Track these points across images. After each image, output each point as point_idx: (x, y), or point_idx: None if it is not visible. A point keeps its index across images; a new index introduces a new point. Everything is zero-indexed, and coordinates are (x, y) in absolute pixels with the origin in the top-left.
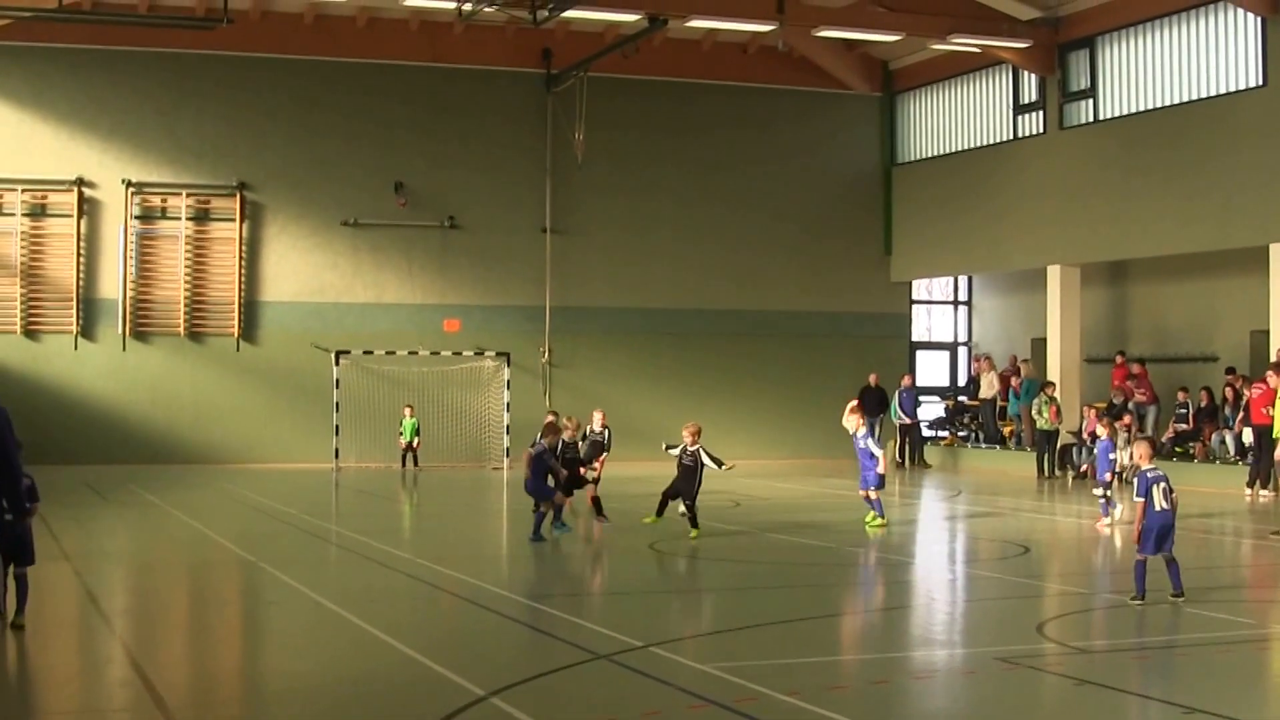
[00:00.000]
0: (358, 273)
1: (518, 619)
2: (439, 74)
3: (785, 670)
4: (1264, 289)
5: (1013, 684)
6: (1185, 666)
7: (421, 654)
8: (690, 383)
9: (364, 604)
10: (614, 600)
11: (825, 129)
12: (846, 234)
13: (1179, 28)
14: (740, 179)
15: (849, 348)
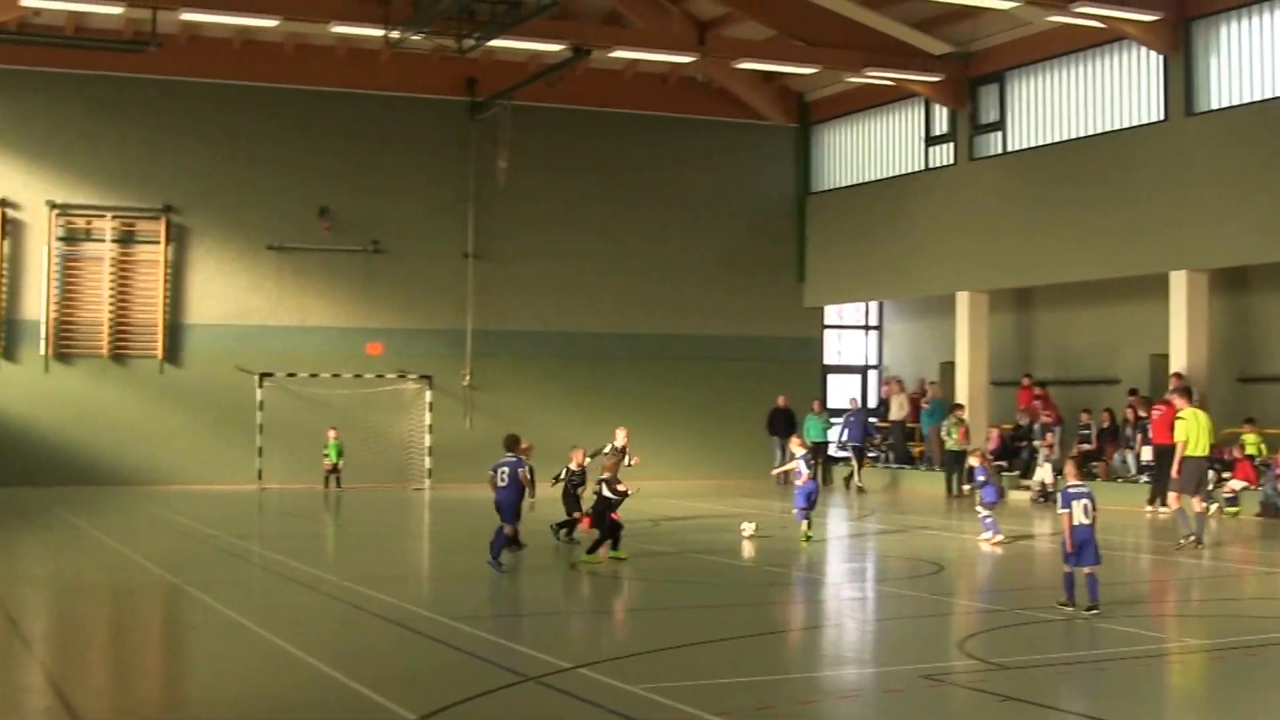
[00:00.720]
0: (282, 296)
1: (444, 641)
2: (365, 100)
3: (714, 691)
4: (1163, 315)
5: (939, 701)
6: (1104, 681)
7: (348, 677)
8: (609, 405)
9: (289, 627)
10: (540, 621)
11: (742, 158)
12: (762, 260)
13: (1085, 64)
14: (659, 206)
15: (763, 371)
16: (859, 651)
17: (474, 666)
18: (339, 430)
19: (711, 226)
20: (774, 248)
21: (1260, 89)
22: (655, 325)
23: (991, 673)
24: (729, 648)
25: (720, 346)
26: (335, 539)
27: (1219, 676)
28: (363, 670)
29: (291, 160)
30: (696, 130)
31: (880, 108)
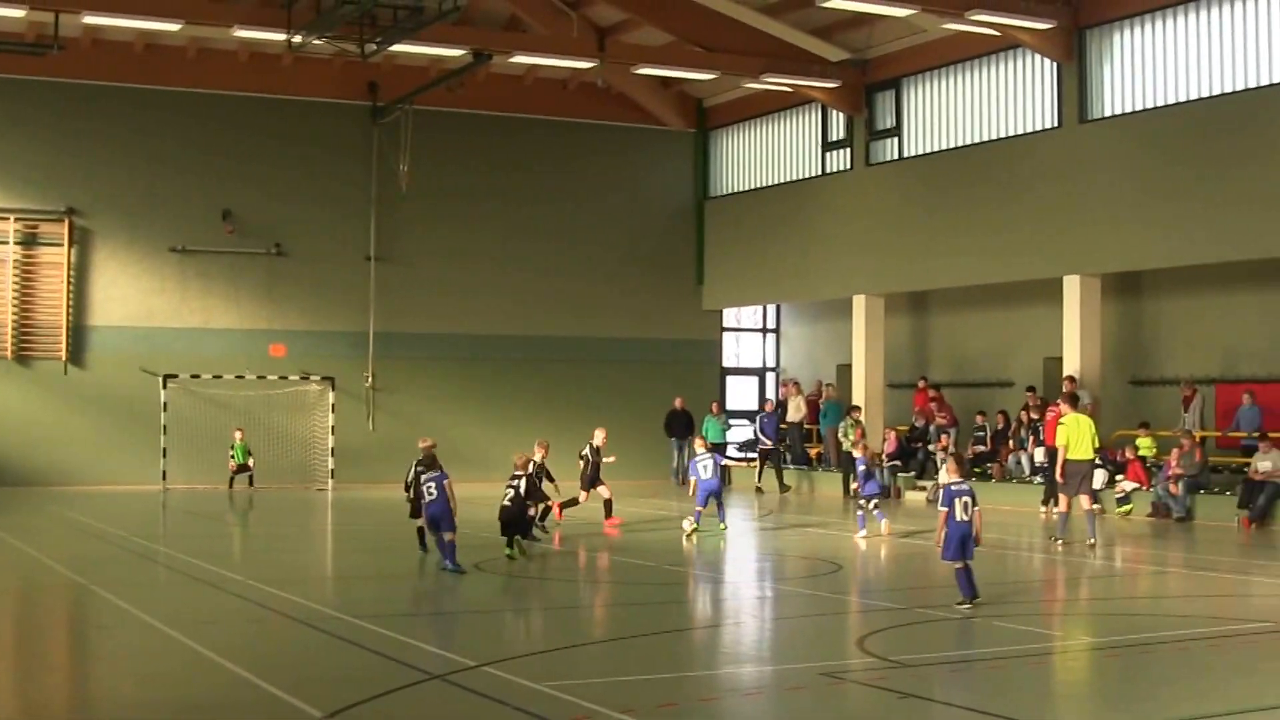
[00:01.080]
0: (185, 298)
1: (351, 640)
2: (267, 104)
3: (617, 688)
4: (1057, 318)
5: (838, 699)
6: (1001, 678)
7: (256, 676)
8: (510, 407)
9: (196, 626)
10: (446, 620)
11: (642, 163)
12: (661, 264)
13: (980, 71)
14: (559, 210)
15: (662, 373)
16: (759, 649)
17: (380, 665)
18: (244, 431)
19: (611, 230)
20: (673, 251)
21: (1152, 97)
22: (555, 327)
23: (891, 670)
24: (633, 646)
25: (619, 348)
26: (240, 539)
27: (1112, 673)
28: (270, 669)
29: (194, 163)
30: (596, 135)
31: (777, 113)
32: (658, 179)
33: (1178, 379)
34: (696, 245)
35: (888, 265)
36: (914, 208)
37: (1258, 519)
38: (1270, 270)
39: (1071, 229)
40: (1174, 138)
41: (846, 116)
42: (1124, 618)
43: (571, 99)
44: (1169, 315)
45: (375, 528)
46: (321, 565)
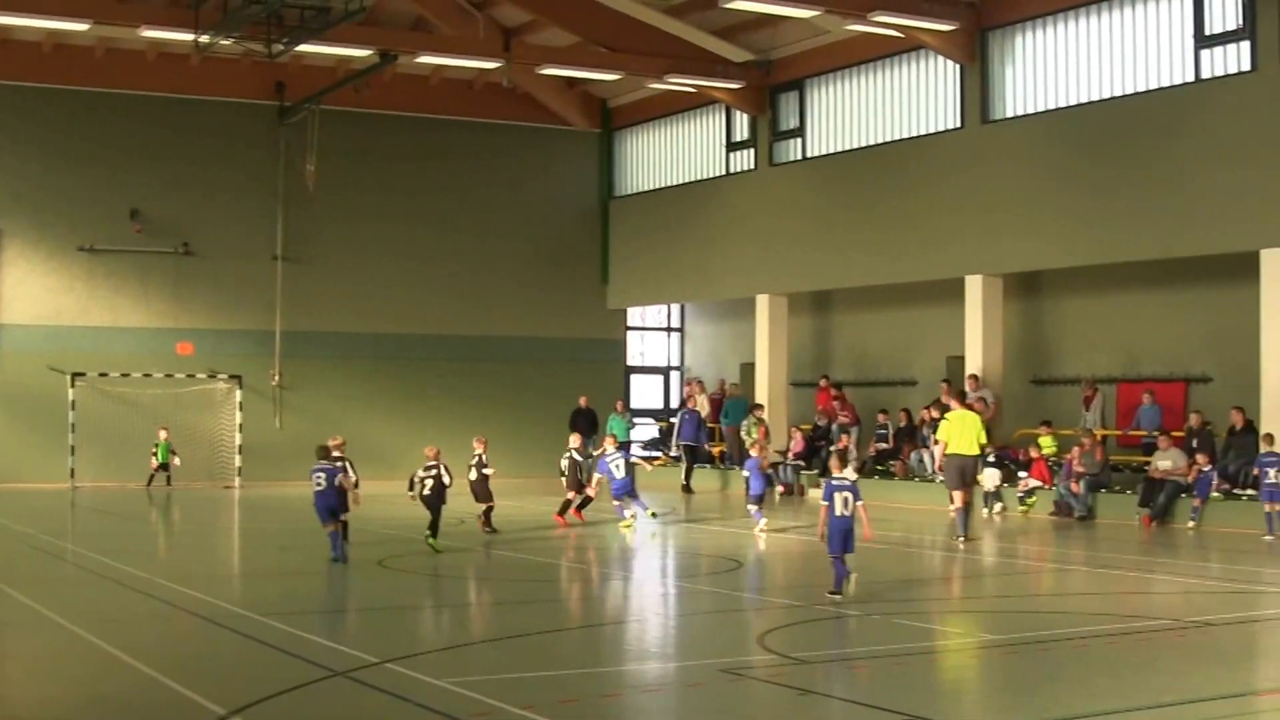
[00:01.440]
0: (94, 297)
1: (255, 637)
2: (175, 104)
3: (519, 684)
4: (960, 318)
5: (738, 695)
6: (899, 674)
7: (160, 673)
8: (416, 405)
9: (102, 623)
10: (349, 617)
11: (547, 163)
12: (566, 263)
13: (883, 72)
14: (466, 210)
15: (567, 372)
16: (661, 646)
17: (284, 662)
18: (169, 430)
19: (517, 229)
20: (578, 250)
21: (1054, 98)
22: (462, 327)
23: (790, 666)
24: (535, 643)
25: (525, 348)
26: (148, 537)
27: (1010, 670)
28: (174, 666)
29: (103, 163)
30: (502, 135)
31: (682, 114)
32: (563, 179)
33: (1079, 378)
34: (601, 245)
35: (791, 265)
36: (818, 208)
37: (1158, 517)
38: (1170, 270)
39: (974, 229)
40: (1075, 139)
41: (750, 117)
42: (1024, 615)
43: (477, 99)
44: (1070, 315)
45: (282, 526)
46: (228, 563)
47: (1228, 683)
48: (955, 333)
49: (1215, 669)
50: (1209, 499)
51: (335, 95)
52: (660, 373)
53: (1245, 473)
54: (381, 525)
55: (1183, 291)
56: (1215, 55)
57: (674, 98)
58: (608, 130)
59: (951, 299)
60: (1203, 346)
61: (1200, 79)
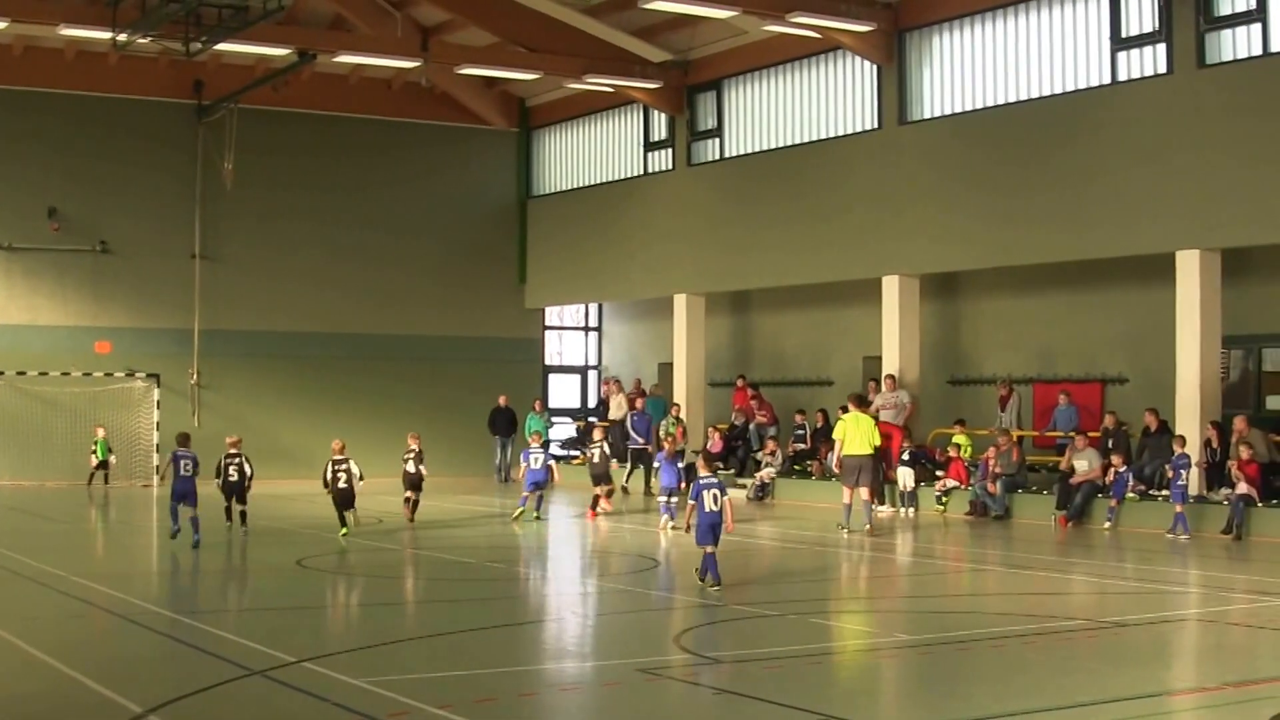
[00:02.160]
0: (11, 295)
1: (172, 635)
2: (93, 102)
3: (435, 684)
4: (876, 318)
5: (654, 694)
6: (815, 674)
7: (77, 671)
8: (333, 404)
9: (17, 621)
10: (266, 616)
11: (464, 162)
12: (483, 262)
13: (801, 73)
14: (383, 210)
15: (484, 371)
16: (579, 645)
17: (201, 660)
18: (106, 429)
19: (435, 229)
20: (495, 249)
21: (970, 100)
22: (380, 325)
23: (706, 666)
24: (452, 642)
25: (443, 347)
26: (65, 535)
27: (927, 670)
28: (91, 664)
29: (20, 160)
30: (420, 134)
31: (600, 113)
32: (481, 178)
33: (995, 378)
34: (519, 244)
35: (709, 264)
36: (735, 208)
37: (1074, 518)
38: (1086, 271)
39: (891, 230)
40: (991, 140)
41: (668, 117)
42: (940, 615)
43: (396, 98)
44: (987, 315)
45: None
46: (145, 561)
47: (1142, 682)
48: (872, 333)
49: (1130, 669)
50: (1125, 500)
51: (254, 94)
52: (578, 372)
53: (1160, 474)
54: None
55: (1098, 293)
56: (1131, 57)
57: (592, 97)
58: (526, 129)
59: (869, 299)
60: (1118, 348)
61: (1116, 81)
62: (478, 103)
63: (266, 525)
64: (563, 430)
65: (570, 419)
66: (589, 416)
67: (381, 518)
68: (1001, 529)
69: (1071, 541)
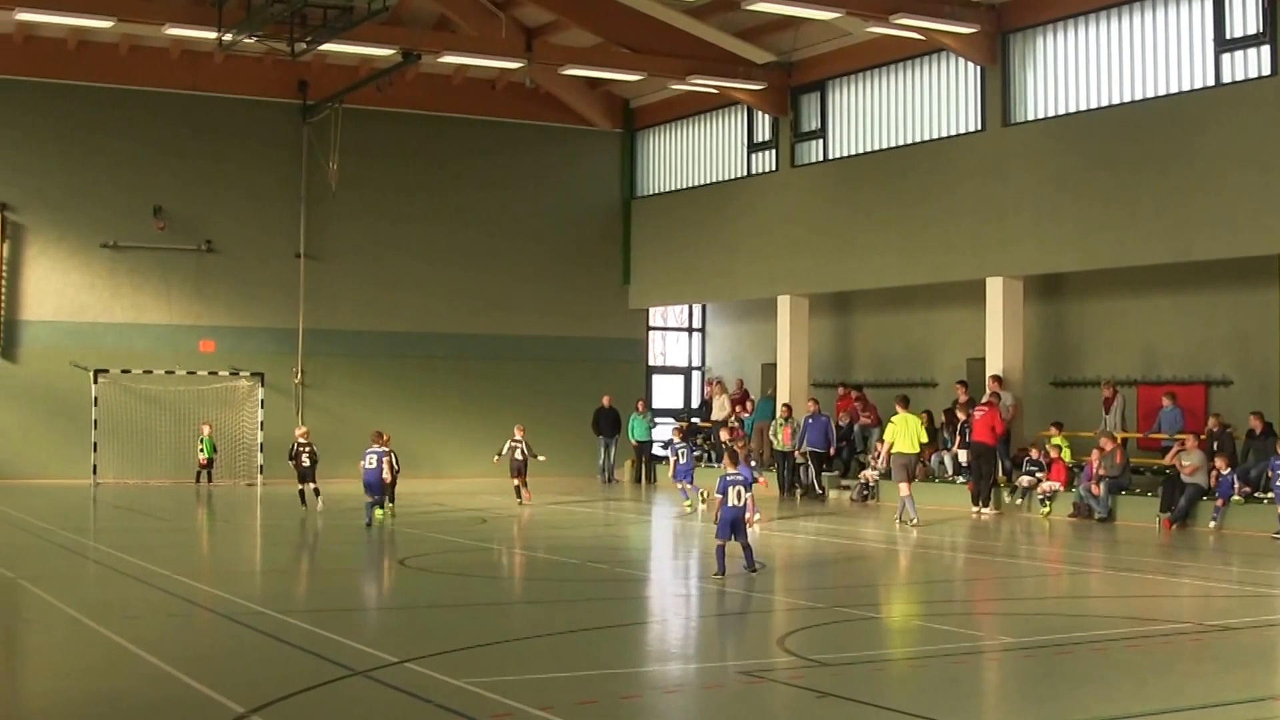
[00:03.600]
0: (116, 294)
1: (274, 635)
2: (199, 102)
3: (537, 685)
4: (980, 319)
5: (757, 697)
6: (920, 678)
7: (179, 671)
8: (436, 404)
9: (122, 620)
10: (368, 615)
11: (569, 163)
12: (587, 263)
13: (904, 74)
14: (487, 210)
15: (588, 371)
16: (681, 647)
17: (303, 660)
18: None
19: (539, 230)
20: (599, 250)
21: (1074, 101)
22: (483, 326)
23: (809, 669)
24: (554, 643)
25: (547, 347)
26: (168, 534)
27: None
28: (192, 664)
29: (126, 160)
30: (524, 135)
31: (704, 114)
32: (585, 179)
33: (1099, 380)
34: (623, 244)
35: (812, 266)
36: (838, 209)
37: (1179, 520)
38: (1190, 273)
39: (994, 231)
40: (1095, 142)
41: (772, 118)
42: (1043, 618)
43: (500, 99)
44: (1091, 317)
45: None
46: (248, 560)
47: (1248, 686)
48: (976, 334)
49: (1237, 672)
50: (1230, 502)
51: (358, 94)
52: (681, 373)
53: (1265, 476)
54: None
55: (1203, 294)
56: (1235, 59)
57: (696, 98)
58: (630, 130)
59: (972, 301)
60: (1223, 350)
61: (1220, 83)
62: (582, 104)
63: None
64: (664, 431)
65: (673, 419)
66: (691, 417)
67: (485, 517)
68: (1105, 531)
69: (1176, 544)
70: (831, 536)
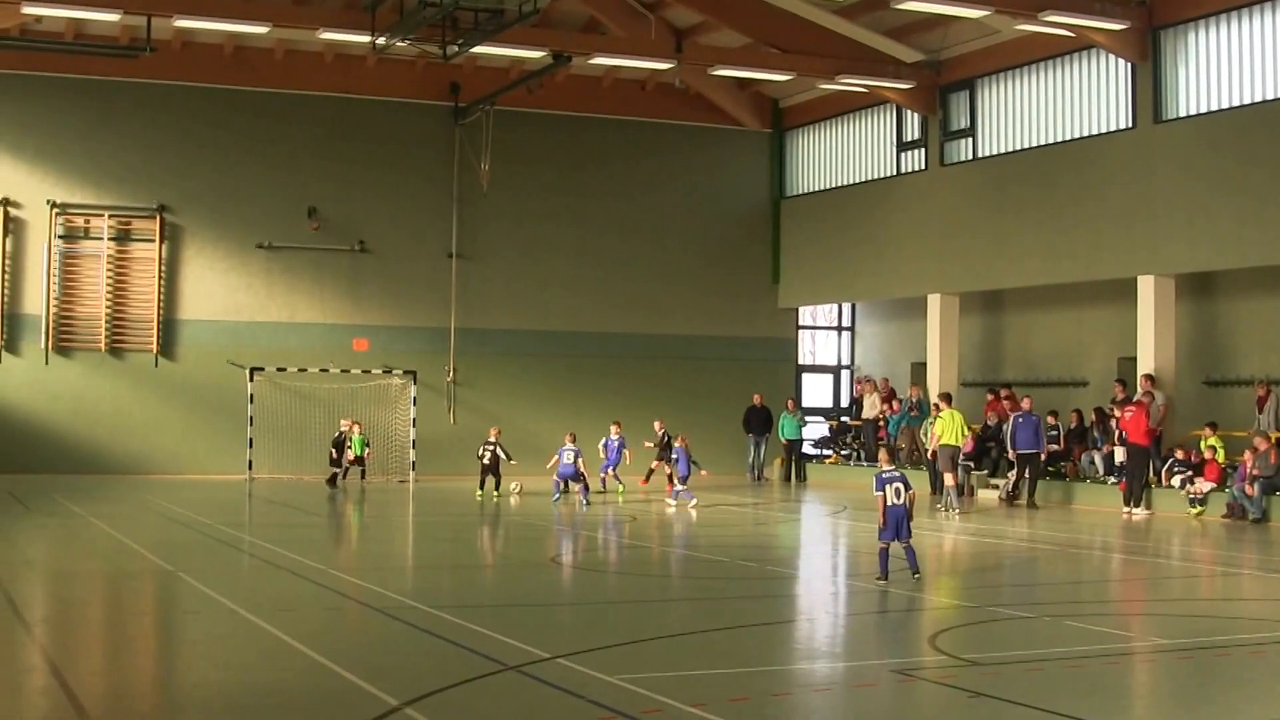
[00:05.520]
0: (271, 293)
1: (428, 629)
2: (352, 104)
3: (689, 682)
4: (1131, 318)
5: (909, 696)
6: (1073, 678)
7: (334, 663)
8: (586, 402)
9: (278, 613)
10: (521, 612)
11: (718, 163)
12: (736, 262)
13: (1054, 72)
14: (636, 209)
15: (738, 371)
16: (831, 645)
17: (456, 655)
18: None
19: (688, 228)
20: (749, 250)
21: (1227, 97)
22: (633, 325)
23: (961, 668)
24: (705, 640)
25: (696, 346)
26: (323, 529)
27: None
28: (348, 657)
29: (280, 162)
30: (673, 135)
31: (853, 113)
32: (734, 178)
33: (1252, 379)
34: (772, 244)
35: (962, 264)
36: (988, 207)
37: None
38: None
39: (1145, 229)
40: (1248, 138)
41: (921, 117)
42: (1196, 619)
43: (649, 99)
44: (1244, 316)
45: (454, 519)
46: (401, 555)
47: None
48: (1127, 333)
49: None
50: None
51: (509, 96)
52: (830, 372)
53: None
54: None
55: None
56: None
57: (845, 98)
58: (779, 130)
59: (1123, 299)
60: None
61: None
62: (731, 104)
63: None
64: (815, 430)
65: (823, 418)
66: (841, 416)
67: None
68: (1258, 532)
69: None
70: (980, 536)
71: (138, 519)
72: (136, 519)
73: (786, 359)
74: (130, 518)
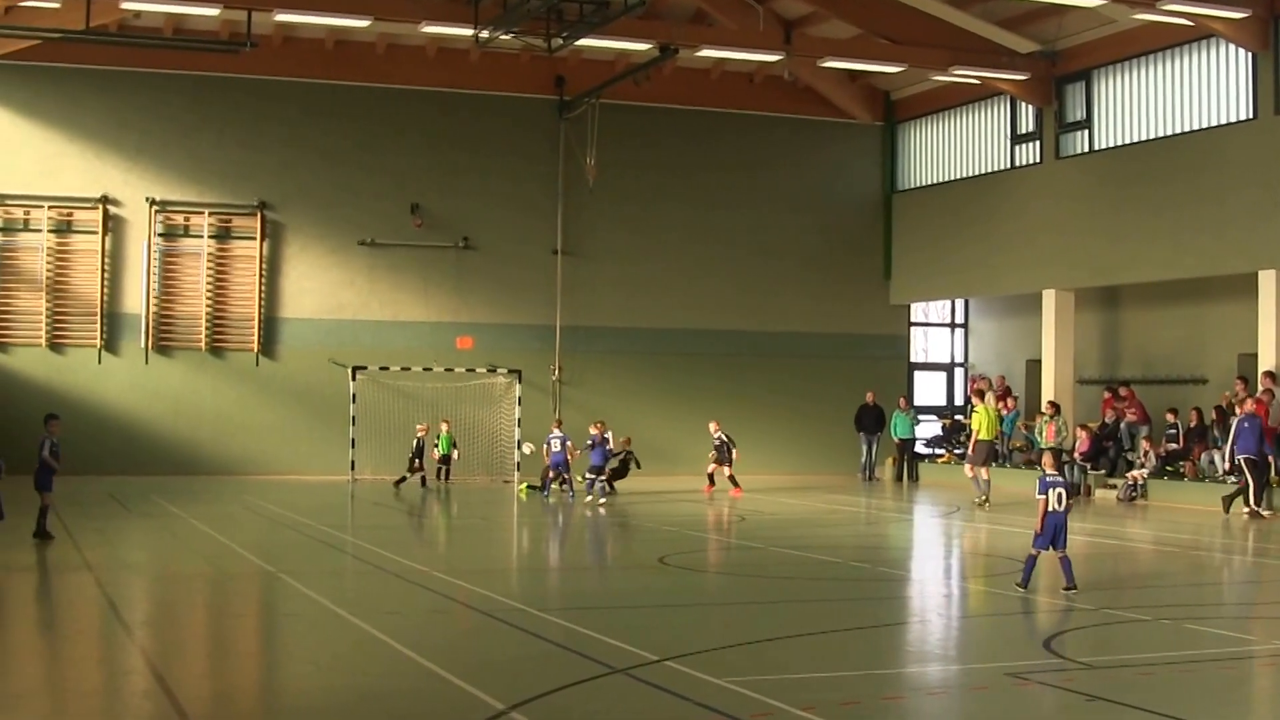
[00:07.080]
0: (374, 291)
1: (533, 632)
2: (455, 99)
3: (799, 685)
4: (1252, 314)
5: (1024, 700)
6: (1191, 683)
7: (439, 666)
8: (694, 400)
9: (381, 615)
10: (627, 614)
11: (828, 156)
12: (847, 258)
13: (1172, 62)
14: (745, 203)
15: (850, 368)
16: (944, 648)
17: (562, 657)
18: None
19: (798, 224)
20: (860, 245)
21: None
22: (741, 322)
23: (1077, 671)
24: (815, 642)
25: (807, 343)
26: (426, 530)
27: None
28: (452, 660)
29: (383, 158)
30: (783, 128)
31: (966, 106)
32: (845, 172)
33: None
34: (884, 239)
35: (1078, 259)
36: (1104, 201)
37: None
38: None
39: (1267, 223)
40: None
41: (1036, 109)
42: None
43: (758, 92)
44: None
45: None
46: (505, 557)
47: None
48: (1247, 329)
49: None
50: None
51: (615, 89)
52: (943, 369)
53: None
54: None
55: None
56: None
57: (958, 89)
58: (890, 123)
59: (1243, 295)
60: None
61: None
62: (841, 96)
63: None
64: (928, 428)
65: (936, 416)
66: (955, 414)
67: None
68: None
69: None
70: (1098, 536)
71: (238, 520)
72: (237, 520)
73: (898, 356)
74: (231, 519)
